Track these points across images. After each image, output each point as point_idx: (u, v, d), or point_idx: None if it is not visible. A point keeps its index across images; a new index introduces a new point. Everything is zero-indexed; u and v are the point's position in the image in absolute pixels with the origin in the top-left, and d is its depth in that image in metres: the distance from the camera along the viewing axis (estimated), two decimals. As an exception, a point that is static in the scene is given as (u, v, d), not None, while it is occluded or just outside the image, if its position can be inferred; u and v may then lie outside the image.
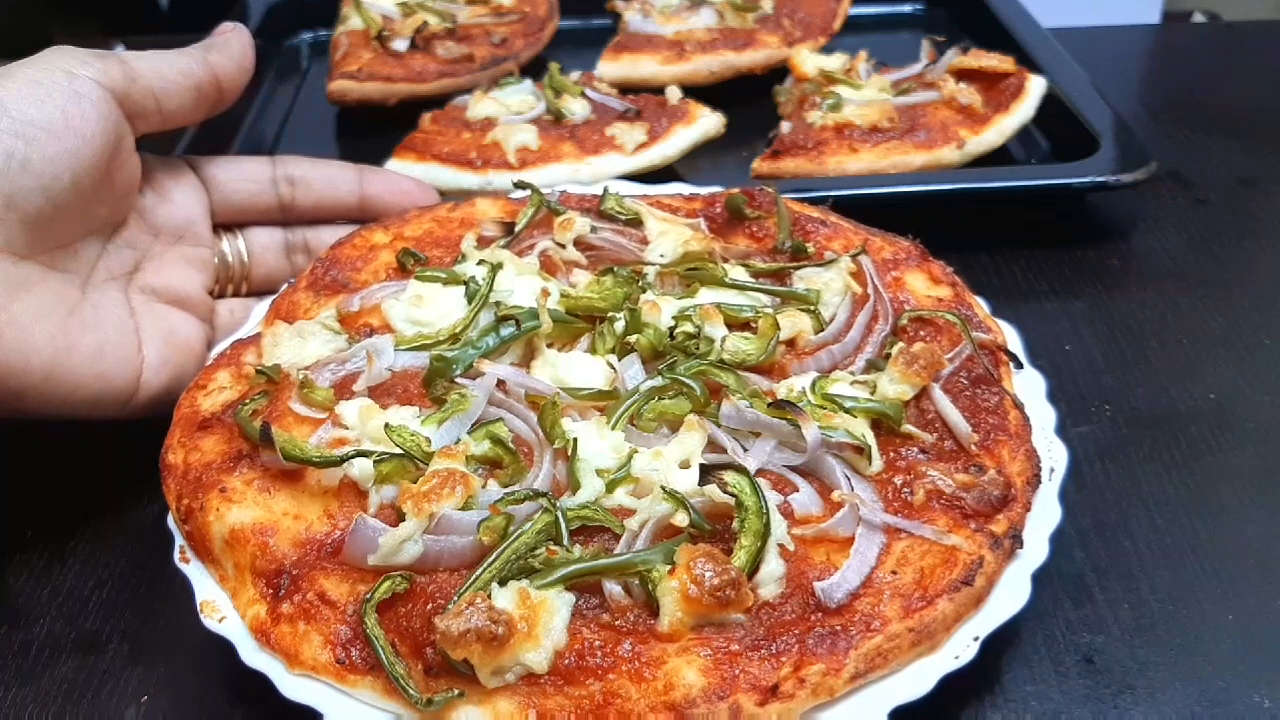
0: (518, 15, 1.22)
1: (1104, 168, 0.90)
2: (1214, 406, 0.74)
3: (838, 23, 1.22)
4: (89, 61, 0.65)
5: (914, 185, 0.90)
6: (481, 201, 0.77)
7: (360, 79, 1.10)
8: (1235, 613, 0.59)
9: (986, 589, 0.53)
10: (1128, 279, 0.88)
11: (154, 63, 0.69)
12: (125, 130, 0.67)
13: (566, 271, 0.71)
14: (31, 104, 0.61)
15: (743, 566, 0.51)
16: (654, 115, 0.99)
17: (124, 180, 0.69)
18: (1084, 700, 0.55)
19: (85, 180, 0.63)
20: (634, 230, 0.74)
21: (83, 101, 0.63)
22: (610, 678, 0.48)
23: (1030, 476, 0.58)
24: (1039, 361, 0.67)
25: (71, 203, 0.63)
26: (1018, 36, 1.13)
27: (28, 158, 0.60)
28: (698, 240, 0.71)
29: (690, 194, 0.79)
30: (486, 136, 0.96)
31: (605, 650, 0.48)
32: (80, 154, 0.62)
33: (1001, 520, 0.55)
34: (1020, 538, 0.55)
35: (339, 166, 0.78)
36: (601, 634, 0.49)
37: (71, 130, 0.62)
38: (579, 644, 0.49)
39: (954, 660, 0.51)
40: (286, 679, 0.51)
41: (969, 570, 0.52)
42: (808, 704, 0.48)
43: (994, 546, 0.54)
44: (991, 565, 0.53)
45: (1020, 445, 0.59)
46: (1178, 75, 1.25)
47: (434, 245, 0.75)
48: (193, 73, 0.70)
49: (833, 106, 0.98)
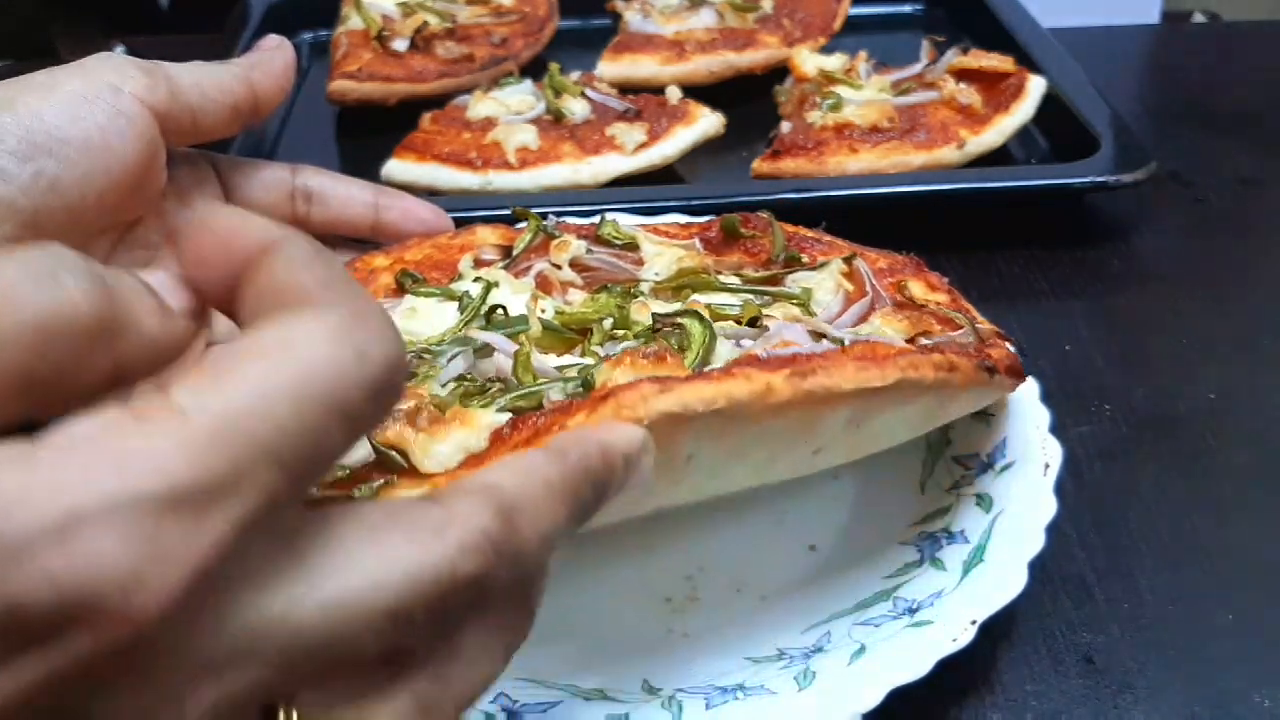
0: (518, 15, 1.22)
1: (1104, 168, 0.89)
2: (1214, 406, 0.74)
3: (838, 23, 1.22)
4: (135, 76, 0.62)
5: (914, 185, 0.90)
6: (481, 229, 0.77)
7: (360, 79, 1.10)
8: (1235, 613, 0.59)
9: (970, 380, 0.53)
10: (1127, 279, 0.88)
11: (197, 78, 0.65)
12: (160, 147, 0.64)
13: (562, 291, 0.71)
14: (70, 121, 0.58)
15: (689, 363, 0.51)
16: (654, 115, 0.99)
17: (150, 189, 0.67)
18: (1084, 700, 0.55)
19: (111, 197, 0.61)
20: (630, 253, 0.75)
21: (122, 119, 0.60)
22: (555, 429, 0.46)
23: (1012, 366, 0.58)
24: (1038, 361, 0.67)
25: (93, 217, 0.61)
26: (1018, 36, 1.13)
27: (57, 178, 0.57)
28: (692, 258, 0.72)
29: (687, 222, 0.79)
30: (486, 136, 0.96)
31: (549, 415, 0.47)
32: (112, 173, 0.60)
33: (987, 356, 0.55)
34: (1016, 370, 0.56)
35: (359, 186, 0.75)
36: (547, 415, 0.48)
37: (109, 150, 0.59)
38: None
39: (952, 643, 0.51)
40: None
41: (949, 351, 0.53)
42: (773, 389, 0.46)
43: (983, 366, 0.54)
44: (970, 370, 0.53)
45: None
46: (1178, 75, 1.25)
47: (433, 269, 0.75)
48: (233, 90, 0.66)
49: (833, 107, 0.98)
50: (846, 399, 0.49)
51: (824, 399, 0.48)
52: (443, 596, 0.32)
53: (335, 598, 0.31)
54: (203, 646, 0.29)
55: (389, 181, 0.93)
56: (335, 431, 0.30)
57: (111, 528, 0.26)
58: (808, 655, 0.54)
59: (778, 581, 0.60)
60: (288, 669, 0.30)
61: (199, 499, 0.27)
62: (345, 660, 0.31)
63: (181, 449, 0.27)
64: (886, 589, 0.57)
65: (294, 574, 0.30)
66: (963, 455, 0.63)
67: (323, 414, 0.29)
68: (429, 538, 0.32)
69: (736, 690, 0.52)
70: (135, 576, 0.26)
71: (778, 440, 0.51)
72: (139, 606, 0.26)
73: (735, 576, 0.60)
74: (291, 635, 0.30)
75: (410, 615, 0.32)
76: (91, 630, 0.26)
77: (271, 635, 0.30)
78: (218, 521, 0.27)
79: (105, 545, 0.26)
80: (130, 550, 0.26)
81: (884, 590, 0.57)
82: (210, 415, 0.28)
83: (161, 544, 0.26)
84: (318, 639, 0.30)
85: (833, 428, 0.52)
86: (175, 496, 0.27)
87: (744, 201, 0.82)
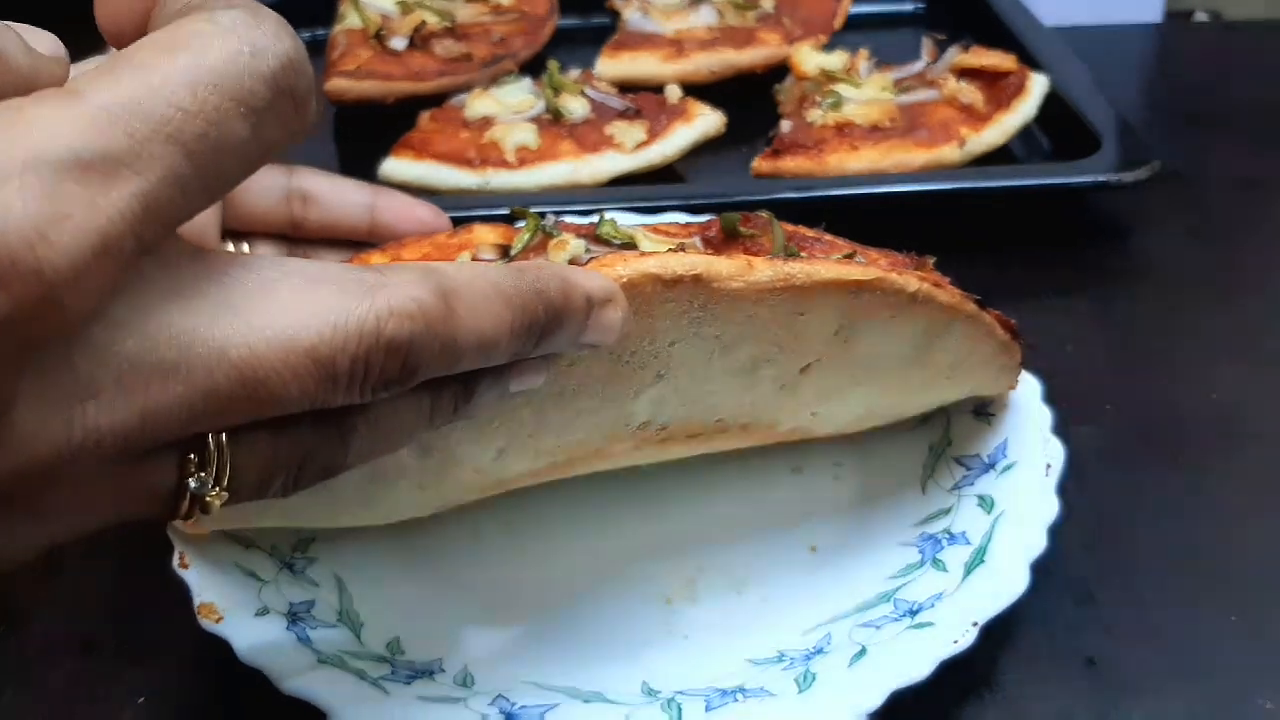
0: (517, 14, 1.22)
1: (1106, 167, 0.89)
2: (1217, 406, 0.74)
3: (838, 21, 1.21)
4: None
5: (915, 184, 0.90)
6: (480, 228, 0.77)
7: (358, 77, 1.09)
8: (1238, 615, 0.59)
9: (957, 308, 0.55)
10: (1129, 278, 0.88)
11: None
12: None
13: None
14: None
15: None
16: (654, 114, 0.99)
17: None
18: (1085, 702, 0.55)
19: None
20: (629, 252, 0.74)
21: None
22: None
23: None
24: (1040, 361, 0.67)
25: None
26: (1019, 35, 1.12)
27: None
28: None
29: (687, 222, 0.79)
30: (485, 135, 0.96)
31: None
32: None
33: None
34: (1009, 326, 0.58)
35: (354, 186, 0.75)
36: None
37: None
38: None
39: (953, 645, 0.51)
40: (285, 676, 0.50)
41: None
42: None
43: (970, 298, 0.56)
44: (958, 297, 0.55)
45: None
46: (1180, 74, 1.25)
47: None
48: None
49: (833, 105, 0.97)
50: (830, 297, 0.49)
51: (806, 288, 0.48)
52: (366, 351, 0.33)
53: (262, 331, 0.31)
54: (126, 344, 0.29)
55: (387, 180, 0.93)
56: (234, 119, 0.30)
57: (15, 187, 0.26)
58: (808, 657, 0.53)
59: (778, 583, 0.59)
60: (212, 395, 0.31)
61: (100, 165, 0.27)
62: (265, 400, 0.32)
63: (79, 120, 0.28)
64: (887, 590, 0.57)
65: (224, 304, 0.31)
66: (964, 456, 0.63)
67: (218, 98, 0.30)
68: (360, 293, 0.33)
69: (736, 692, 0.52)
70: (40, 232, 0.26)
71: (761, 340, 0.51)
72: (47, 261, 0.26)
73: (735, 578, 0.60)
74: (218, 360, 0.30)
75: (332, 362, 0.32)
76: (5, 289, 0.26)
77: (199, 357, 0.30)
78: (122, 191, 0.28)
79: (10, 200, 0.26)
80: (36, 207, 0.26)
81: (885, 592, 0.57)
82: (106, 95, 0.28)
83: (66, 203, 0.27)
84: (245, 371, 0.31)
85: (819, 335, 0.52)
86: (77, 161, 0.27)
87: (744, 201, 0.81)
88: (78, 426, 0.29)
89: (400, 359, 0.34)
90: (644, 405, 0.53)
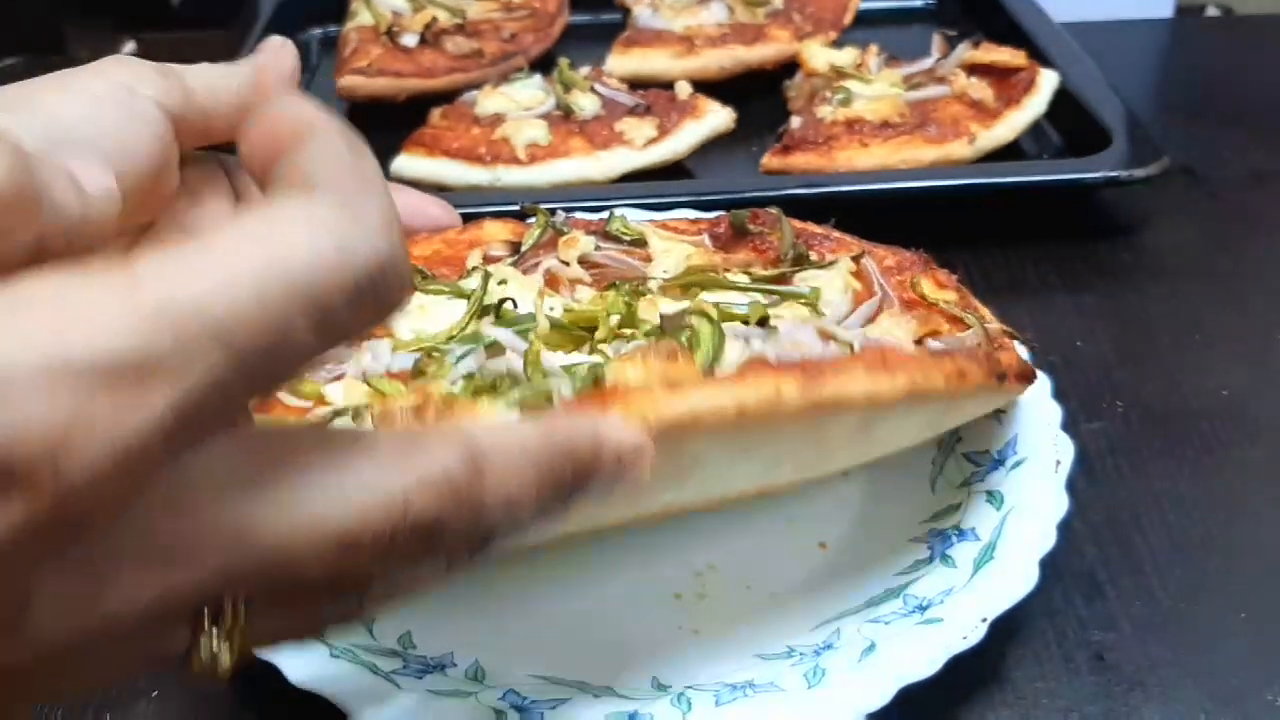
0: (527, 11, 1.22)
1: (1116, 163, 0.89)
2: (1227, 402, 0.74)
3: (848, 17, 1.21)
4: (151, 78, 0.61)
5: (924, 180, 0.90)
6: (490, 224, 0.77)
7: (370, 75, 1.10)
8: (1248, 611, 0.59)
9: (980, 387, 0.53)
10: (1139, 274, 0.87)
11: (209, 80, 0.65)
12: (174, 149, 0.63)
13: (570, 288, 0.71)
14: (87, 122, 0.58)
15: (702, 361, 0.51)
16: (664, 110, 0.99)
17: (164, 191, 0.66)
18: (1094, 697, 0.55)
19: (127, 199, 0.61)
20: (638, 249, 0.75)
21: (138, 122, 0.59)
22: None
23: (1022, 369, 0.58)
24: (1049, 357, 0.67)
25: None
26: (1029, 31, 1.12)
27: None
28: (701, 255, 0.71)
29: (695, 218, 0.79)
30: (496, 132, 0.96)
31: None
32: (125, 179, 0.60)
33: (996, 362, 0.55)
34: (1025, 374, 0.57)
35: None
36: None
37: (126, 154, 0.59)
38: None
39: (962, 641, 0.51)
40: (297, 670, 0.51)
41: None
42: None
43: (993, 373, 0.54)
44: (981, 377, 0.53)
45: None
46: (1190, 69, 1.24)
47: (441, 264, 0.75)
48: (243, 93, 0.67)
49: (843, 101, 0.97)
50: (856, 405, 0.49)
51: (833, 405, 0.48)
52: (393, 530, 0.32)
53: (294, 518, 0.30)
54: (149, 530, 0.28)
55: (398, 177, 0.93)
56: (301, 327, 0.28)
57: (43, 391, 0.25)
58: (817, 652, 0.54)
59: (788, 579, 0.60)
60: (233, 578, 0.30)
61: (137, 372, 0.26)
62: (285, 578, 0.31)
63: (125, 316, 0.26)
64: (897, 586, 0.57)
65: (258, 487, 0.30)
66: (973, 452, 0.63)
67: (287, 304, 0.27)
68: (391, 467, 0.32)
69: (746, 687, 0.52)
70: (64, 443, 0.25)
71: (785, 443, 0.51)
72: (66, 473, 0.25)
73: (745, 573, 0.60)
74: (246, 547, 0.30)
75: (357, 543, 0.31)
76: (23, 496, 0.25)
77: (225, 543, 0.29)
78: (155, 400, 0.26)
79: (36, 405, 0.25)
80: (61, 416, 0.25)
81: (894, 588, 0.57)
82: (164, 283, 0.26)
83: (93, 413, 0.25)
84: (268, 556, 0.30)
85: (841, 431, 0.51)
86: (112, 365, 0.25)
87: (753, 197, 0.81)
88: (95, 614, 0.29)
89: (426, 536, 0.33)
90: (659, 501, 0.53)
